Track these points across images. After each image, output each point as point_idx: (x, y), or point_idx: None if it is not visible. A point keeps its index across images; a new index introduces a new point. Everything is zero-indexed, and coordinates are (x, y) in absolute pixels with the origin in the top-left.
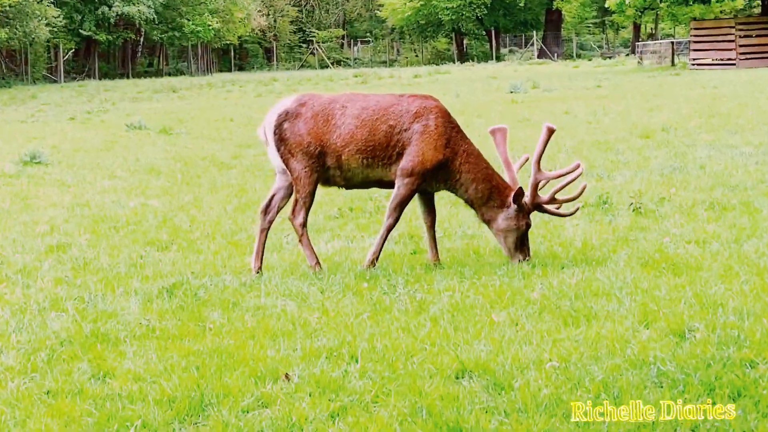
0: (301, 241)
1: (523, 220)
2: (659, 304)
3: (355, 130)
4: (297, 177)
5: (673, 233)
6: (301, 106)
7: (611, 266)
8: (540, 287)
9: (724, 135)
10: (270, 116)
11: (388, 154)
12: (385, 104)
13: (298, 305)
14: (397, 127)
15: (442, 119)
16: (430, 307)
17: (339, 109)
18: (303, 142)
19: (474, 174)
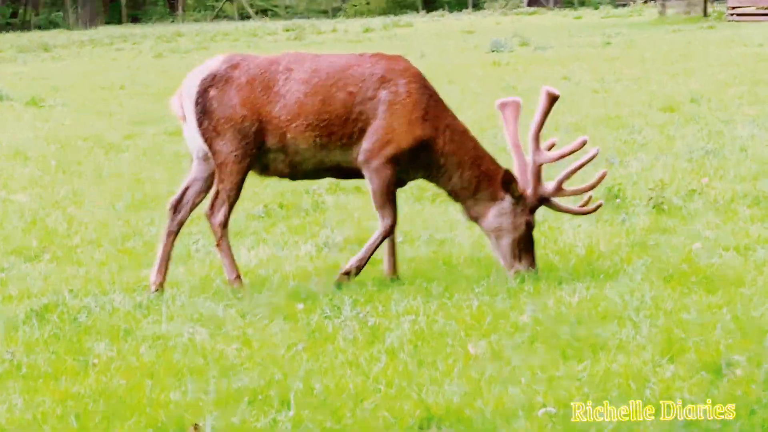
0: (219, 246)
1: (521, 216)
2: (687, 330)
3: (305, 99)
4: (223, 162)
5: (705, 237)
6: (233, 69)
7: (624, 281)
8: (531, 309)
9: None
10: (190, 81)
11: (348, 131)
12: (341, 66)
13: (211, 333)
14: (359, 94)
15: (416, 85)
16: (386, 335)
17: (282, 72)
18: (235, 115)
19: (459, 157)
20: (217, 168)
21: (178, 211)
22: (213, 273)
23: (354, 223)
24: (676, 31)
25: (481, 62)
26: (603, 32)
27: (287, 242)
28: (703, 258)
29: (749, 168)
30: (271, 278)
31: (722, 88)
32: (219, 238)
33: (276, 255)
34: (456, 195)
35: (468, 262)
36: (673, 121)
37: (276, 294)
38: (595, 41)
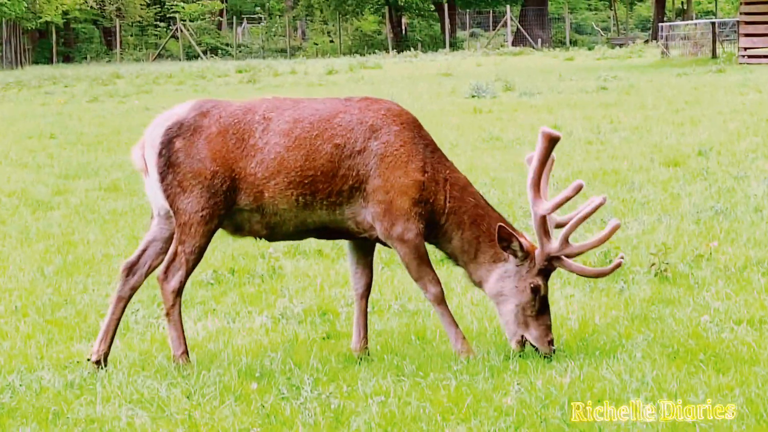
0: (169, 315)
1: (528, 279)
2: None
3: (286, 154)
4: (186, 223)
5: (714, 309)
6: (203, 117)
7: (623, 358)
8: (516, 389)
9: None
10: (154, 129)
11: (335, 188)
12: (326, 113)
13: (152, 417)
14: (347, 146)
15: (409, 133)
16: (351, 419)
17: (259, 122)
18: (204, 170)
19: (459, 216)
20: (178, 228)
21: (132, 275)
22: (155, 348)
23: (316, 291)
24: (681, 75)
25: (460, 109)
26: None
27: (239, 313)
28: (713, 332)
29: (764, 231)
30: (221, 354)
31: (734, 140)
32: (170, 306)
33: (227, 327)
34: (456, 259)
35: (445, 337)
36: (678, 177)
37: (227, 372)
38: (589, 86)
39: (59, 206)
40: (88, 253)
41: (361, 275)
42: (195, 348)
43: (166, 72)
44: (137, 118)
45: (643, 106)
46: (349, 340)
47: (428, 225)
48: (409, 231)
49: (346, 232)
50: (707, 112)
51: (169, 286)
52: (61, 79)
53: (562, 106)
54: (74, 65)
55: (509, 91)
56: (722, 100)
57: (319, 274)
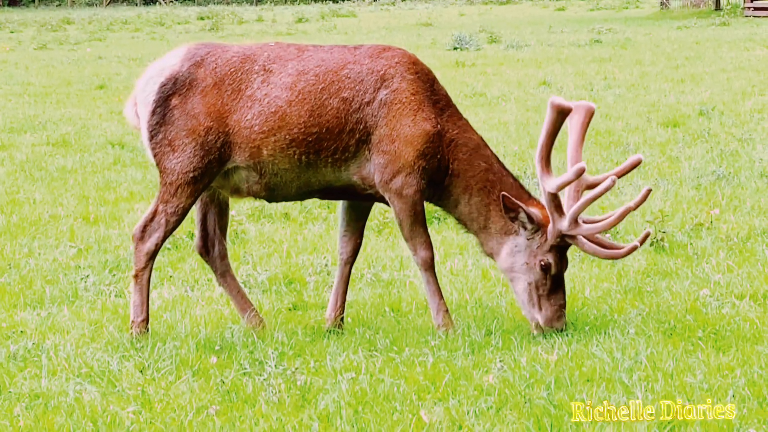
0: (137, 278)
1: (539, 256)
2: (692, 396)
3: (288, 109)
4: (173, 182)
5: (715, 282)
6: (197, 68)
7: (615, 334)
8: (499, 366)
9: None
10: (146, 85)
11: (342, 145)
12: (333, 64)
13: (102, 392)
14: (355, 99)
15: (421, 84)
16: (319, 397)
17: (259, 72)
18: (198, 128)
19: (466, 179)
20: (163, 186)
21: (212, 249)
22: (106, 318)
23: (282, 258)
24: (681, 28)
25: (441, 63)
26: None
27: (198, 281)
28: (712, 308)
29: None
30: (178, 325)
31: (738, 99)
32: (140, 268)
33: (184, 296)
34: (466, 225)
35: (421, 309)
36: (677, 139)
37: (184, 344)
38: (582, 39)
39: (3, 162)
40: (34, 214)
41: (349, 240)
42: (150, 318)
43: (121, 18)
44: (89, 67)
45: (640, 62)
46: (317, 311)
47: (430, 184)
48: (410, 186)
49: (352, 190)
50: (709, 69)
51: (144, 247)
52: (7, 24)
53: (552, 60)
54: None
55: (494, 44)
56: (726, 56)
57: (285, 239)
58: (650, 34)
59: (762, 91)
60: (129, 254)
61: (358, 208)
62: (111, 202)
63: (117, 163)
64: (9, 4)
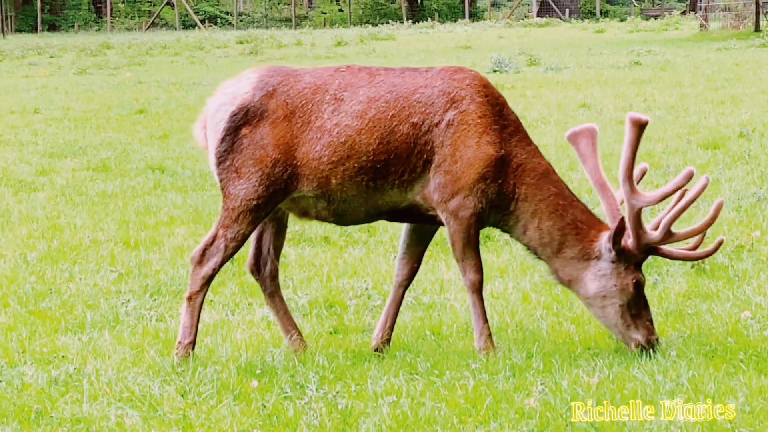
0: (191, 300)
1: (629, 275)
2: (734, 419)
3: (357, 138)
4: (235, 208)
5: (756, 304)
6: (269, 98)
7: (657, 357)
8: (540, 390)
9: None
10: (217, 112)
11: (409, 167)
12: (405, 89)
13: (143, 416)
14: (425, 123)
15: (490, 107)
16: (360, 421)
17: (329, 102)
18: (265, 158)
19: (535, 204)
20: (225, 211)
21: (263, 268)
22: (147, 342)
23: (322, 282)
24: (721, 50)
25: None
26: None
27: (239, 305)
28: (754, 330)
29: None
30: (220, 349)
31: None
32: (195, 291)
33: (225, 320)
34: (536, 252)
35: (462, 332)
36: (718, 161)
37: (225, 368)
38: (621, 61)
39: (43, 187)
40: (74, 239)
41: (407, 263)
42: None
43: (160, 42)
44: (129, 92)
45: (680, 84)
46: (358, 335)
47: (495, 209)
48: (466, 208)
49: (416, 211)
50: (749, 91)
51: (201, 270)
52: (47, 49)
53: (592, 82)
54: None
55: (534, 66)
56: (766, 78)
57: (325, 263)
58: (690, 56)
59: None
60: (169, 278)
61: (420, 233)
62: (151, 227)
63: (157, 188)
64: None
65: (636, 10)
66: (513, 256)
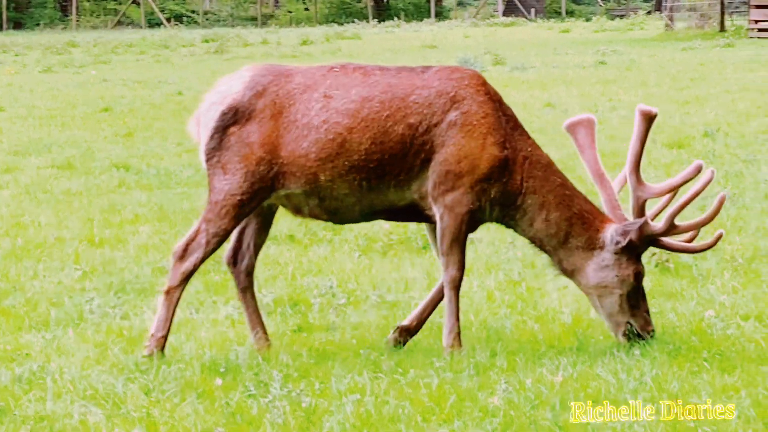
0: (168, 295)
1: (629, 267)
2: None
3: (348, 136)
4: (218, 202)
5: (720, 303)
6: (258, 98)
7: (620, 356)
8: (504, 388)
9: None
10: (209, 110)
11: (406, 167)
12: (401, 89)
13: (107, 414)
14: (423, 123)
15: (492, 104)
16: (324, 419)
17: (318, 100)
18: (251, 156)
19: (542, 196)
20: (208, 205)
21: (240, 261)
22: (111, 340)
23: (286, 280)
24: (686, 50)
25: None
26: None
27: (203, 303)
28: (717, 329)
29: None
30: (183, 347)
31: (742, 120)
32: (173, 286)
33: (189, 318)
34: (542, 244)
35: (426, 331)
36: (682, 160)
37: (189, 366)
38: (587, 60)
39: (8, 185)
40: (39, 236)
41: None
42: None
43: (126, 41)
44: (94, 90)
45: (645, 83)
46: (322, 333)
47: (501, 206)
48: (463, 204)
49: (415, 209)
50: (714, 91)
51: (182, 266)
52: (12, 47)
53: (557, 82)
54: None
55: (499, 66)
56: (731, 78)
57: (290, 261)
58: (655, 56)
59: (766, 112)
60: (134, 276)
61: None
62: (116, 225)
63: (122, 186)
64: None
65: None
66: (478, 255)
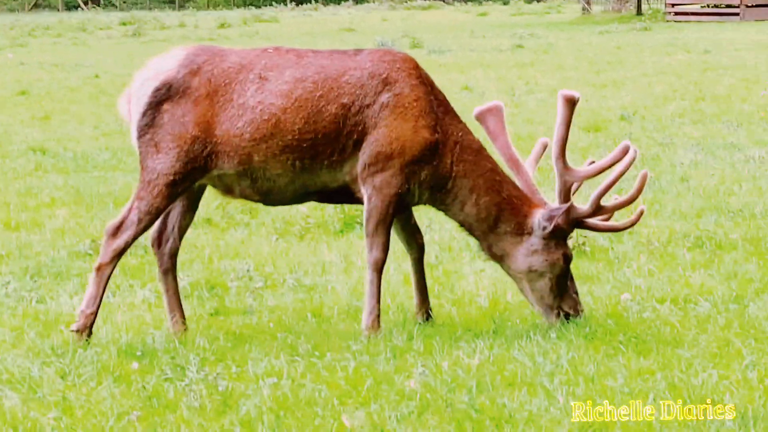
0: (99, 271)
1: (558, 251)
2: (613, 400)
3: (282, 117)
4: (150, 181)
5: (636, 286)
6: (193, 76)
7: (536, 339)
8: (420, 371)
9: (719, 129)
10: (141, 87)
11: (339, 147)
12: (333, 70)
13: (22, 398)
14: (356, 104)
15: (424, 88)
16: (240, 402)
17: (253, 81)
18: (185, 135)
19: (473, 180)
20: (141, 183)
21: (165, 243)
22: (27, 324)
23: (203, 263)
24: (603, 33)
25: None
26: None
27: (120, 287)
28: (633, 312)
29: (691, 203)
30: (100, 331)
31: (659, 104)
32: (105, 263)
33: (105, 302)
34: (472, 228)
35: (343, 314)
36: (599, 143)
37: (105, 350)
38: (504, 44)
39: None
40: None
41: (412, 239)
42: (70, 324)
43: (43, 23)
44: (11, 73)
45: (562, 67)
46: (239, 316)
47: (432, 189)
48: (392, 186)
49: (347, 192)
50: (631, 74)
51: (113, 243)
52: None
53: (474, 65)
54: None
55: (417, 49)
56: (647, 61)
57: (207, 244)
58: (572, 39)
59: (683, 96)
60: (50, 260)
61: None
62: (32, 208)
63: (38, 169)
64: None
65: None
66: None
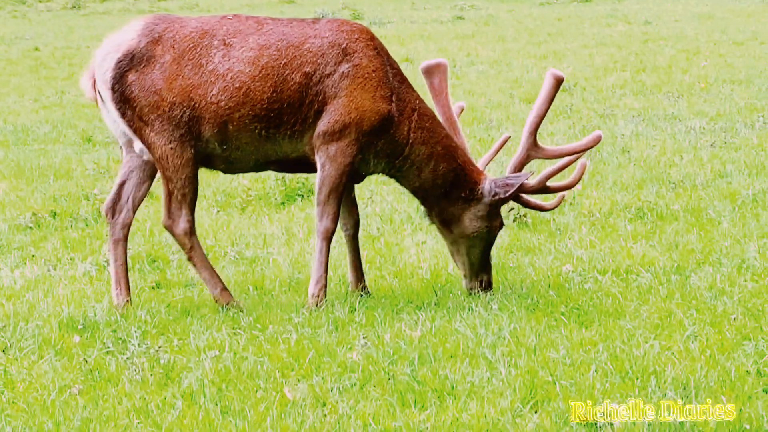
0: (192, 259)
1: (497, 218)
2: (554, 371)
3: (252, 85)
4: (161, 157)
5: (578, 257)
6: (155, 44)
7: (478, 311)
8: (363, 344)
9: (660, 100)
10: (103, 62)
11: (301, 117)
12: (295, 38)
13: None
14: (317, 73)
15: (381, 59)
16: (182, 375)
17: (218, 47)
18: (161, 103)
19: (430, 147)
20: (157, 163)
21: (118, 213)
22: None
23: (145, 236)
24: (543, 4)
25: None
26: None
27: (61, 260)
28: (575, 283)
29: (632, 174)
30: (41, 304)
31: (600, 75)
32: (188, 249)
33: (47, 275)
34: (426, 194)
35: (285, 286)
36: None
37: (46, 324)
38: (444, 15)
39: None
40: None
41: (349, 214)
42: (11, 298)
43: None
44: None
45: (503, 39)
46: (180, 289)
47: (388, 157)
48: (346, 155)
49: (305, 161)
50: (571, 46)
51: (179, 229)
52: None
53: (415, 37)
54: None
55: (357, 20)
56: (588, 32)
57: (148, 217)
58: (513, 11)
59: (623, 67)
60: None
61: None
62: None
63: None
64: None
65: None
66: None
